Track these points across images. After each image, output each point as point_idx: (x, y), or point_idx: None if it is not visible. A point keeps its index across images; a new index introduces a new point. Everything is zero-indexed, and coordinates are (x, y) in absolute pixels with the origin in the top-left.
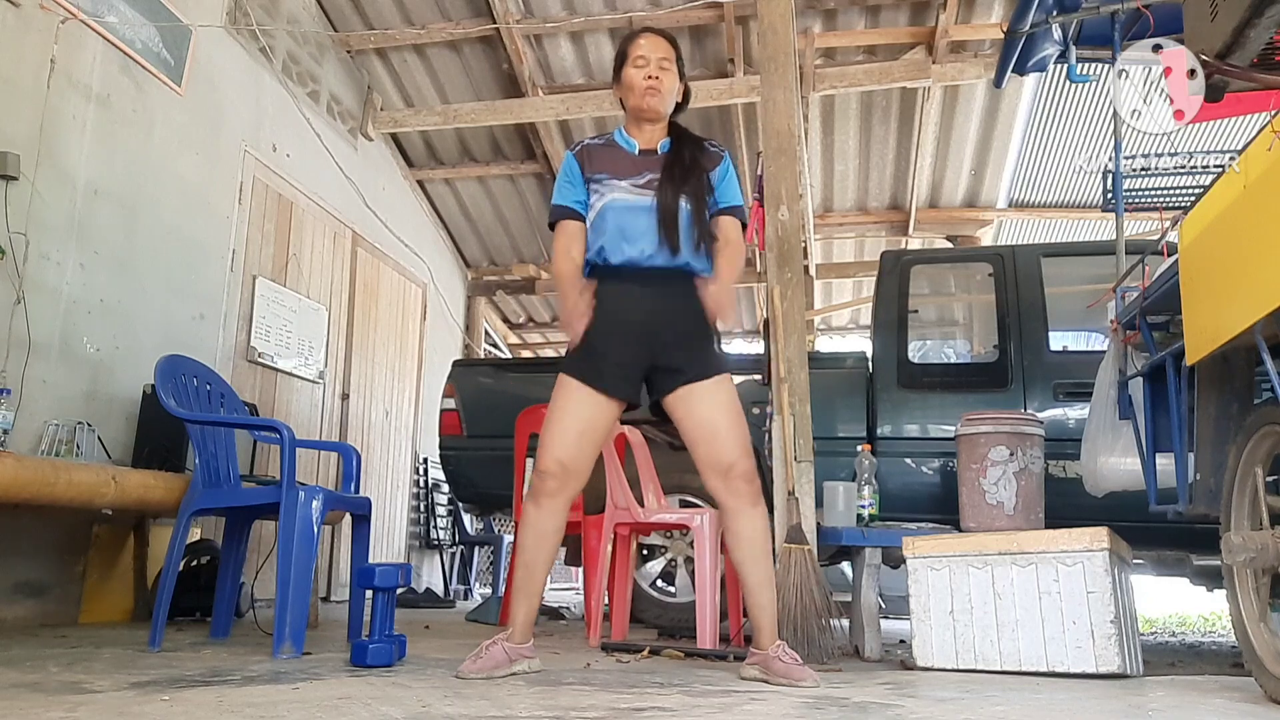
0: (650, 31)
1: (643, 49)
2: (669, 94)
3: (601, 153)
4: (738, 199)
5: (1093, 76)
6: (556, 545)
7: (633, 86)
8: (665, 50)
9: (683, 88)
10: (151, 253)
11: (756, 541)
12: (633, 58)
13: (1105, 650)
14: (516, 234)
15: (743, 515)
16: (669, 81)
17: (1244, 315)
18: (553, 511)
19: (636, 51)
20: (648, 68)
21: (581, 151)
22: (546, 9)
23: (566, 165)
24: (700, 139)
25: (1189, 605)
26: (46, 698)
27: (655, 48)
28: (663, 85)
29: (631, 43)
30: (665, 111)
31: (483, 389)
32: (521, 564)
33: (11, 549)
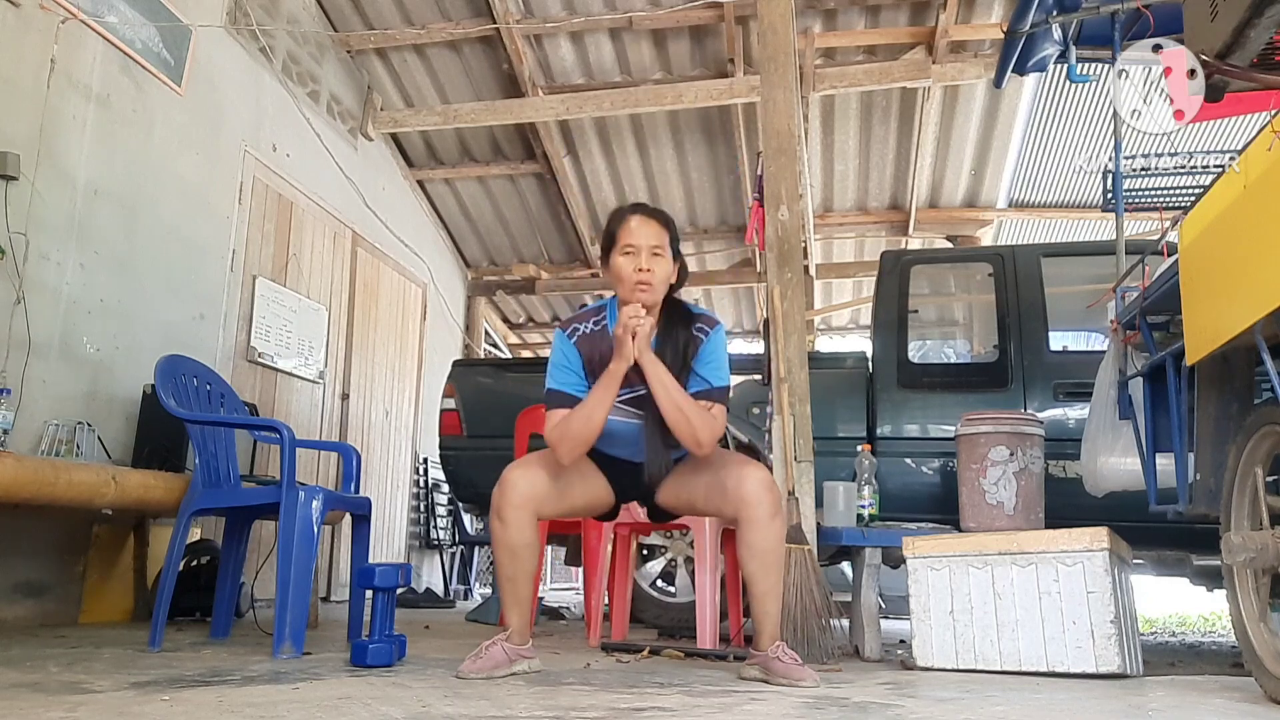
0: (641, 212)
1: (633, 235)
2: (661, 285)
3: (594, 345)
4: (719, 379)
5: (1093, 76)
6: (534, 557)
7: (623, 278)
8: (657, 236)
9: (678, 267)
10: (151, 253)
11: (770, 553)
12: (622, 244)
13: (1105, 650)
14: (516, 234)
15: (759, 527)
16: (661, 271)
17: (1244, 315)
18: (519, 525)
19: (626, 238)
20: (638, 257)
21: (580, 341)
22: (546, 9)
23: (565, 350)
24: (692, 319)
25: (1189, 605)
26: (46, 698)
27: (646, 234)
28: (654, 277)
29: (621, 226)
30: (657, 301)
31: (483, 389)
32: (503, 578)
33: (11, 549)
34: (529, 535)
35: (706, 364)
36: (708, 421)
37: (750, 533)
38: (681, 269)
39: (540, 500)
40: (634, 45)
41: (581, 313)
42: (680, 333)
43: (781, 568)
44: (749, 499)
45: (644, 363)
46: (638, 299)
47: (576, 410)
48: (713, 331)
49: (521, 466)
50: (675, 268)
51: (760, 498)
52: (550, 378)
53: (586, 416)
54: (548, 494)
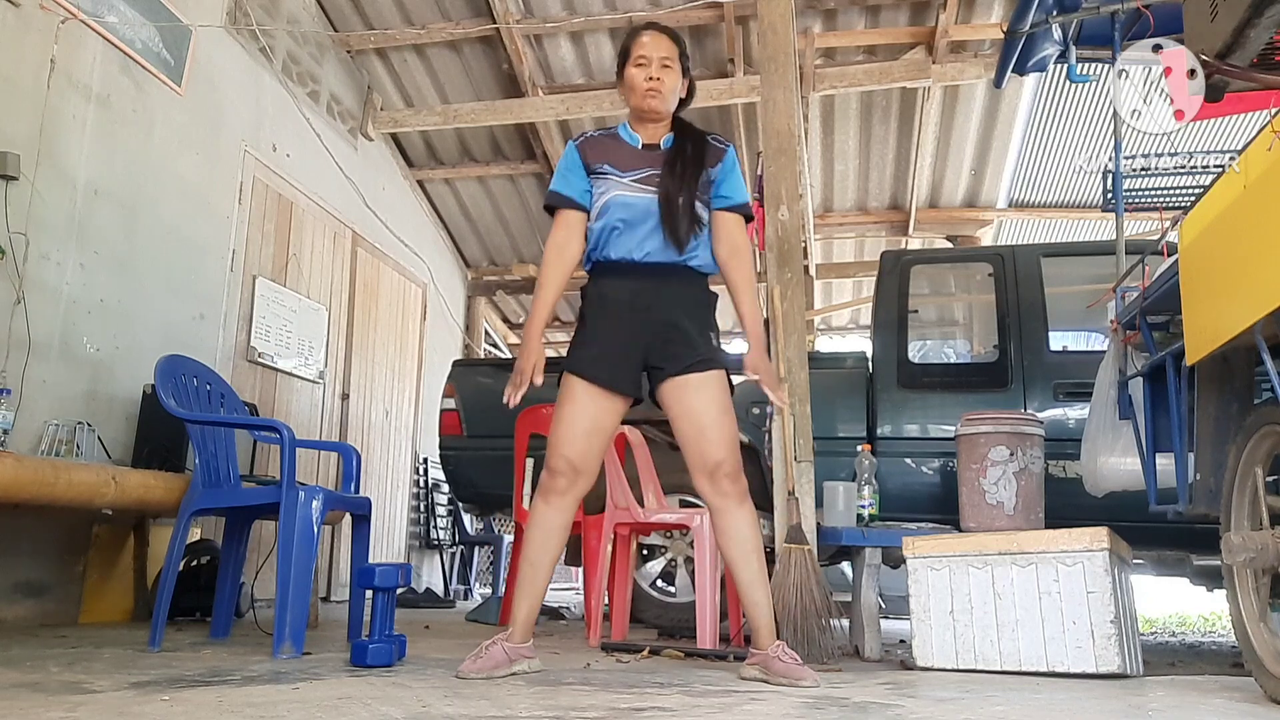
0: (654, 28)
1: (645, 47)
2: (671, 94)
3: (604, 144)
4: (742, 195)
5: (1093, 76)
6: (563, 543)
7: (634, 86)
8: (668, 48)
9: (687, 84)
10: (151, 253)
11: (746, 539)
12: (634, 56)
13: (1105, 650)
14: (516, 234)
15: (729, 513)
16: (671, 81)
17: (1244, 315)
18: (562, 509)
19: (638, 50)
20: (649, 67)
21: (584, 143)
22: (546, 9)
23: (568, 155)
24: (704, 134)
25: (1189, 605)
26: (46, 698)
27: (658, 46)
28: (664, 85)
29: (634, 40)
30: (667, 111)
31: (483, 389)
32: (526, 561)
33: (11, 549)
34: (569, 518)
35: (730, 181)
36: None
37: (722, 519)
38: (690, 85)
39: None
40: None
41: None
42: (691, 143)
43: (761, 553)
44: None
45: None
46: (648, 104)
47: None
48: (728, 147)
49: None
50: (684, 84)
51: (726, 489)
52: (554, 180)
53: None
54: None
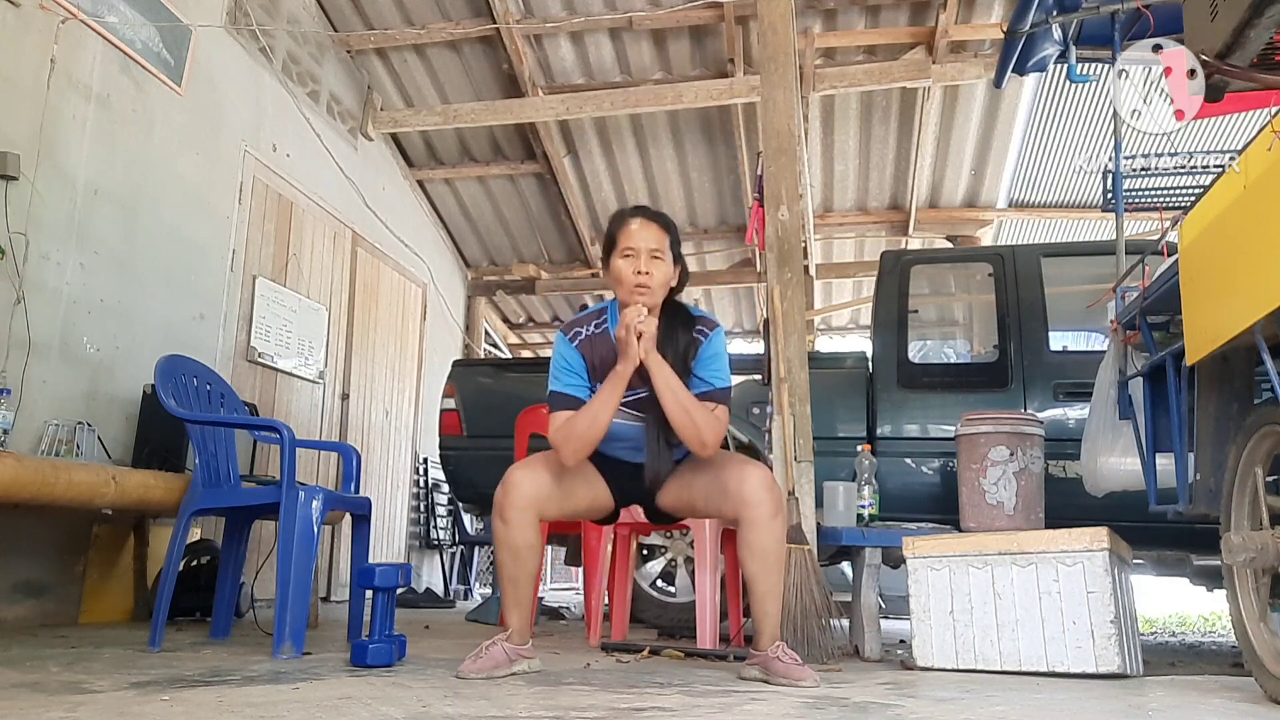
0: (642, 215)
1: (633, 238)
2: (660, 288)
3: (595, 348)
4: (720, 380)
5: (1093, 76)
6: (536, 558)
7: (622, 280)
8: (656, 239)
9: (678, 271)
10: (151, 253)
11: (770, 553)
12: (621, 247)
13: (1105, 650)
14: (516, 234)
15: (760, 527)
16: (661, 274)
17: (1244, 315)
18: (522, 526)
19: (625, 241)
20: (637, 260)
21: (582, 345)
22: (546, 9)
23: (567, 354)
24: (691, 323)
25: (1189, 605)
26: (46, 698)
27: (646, 237)
28: (653, 280)
29: (621, 228)
30: (657, 304)
31: (483, 389)
32: (505, 578)
33: (11, 549)
34: (531, 536)
35: (708, 366)
36: (711, 422)
37: (750, 533)
38: (682, 272)
39: (543, 501)
40: (634, 45)
41: (582, 316)
42: (680, 335)
43: (782, 568)
44: (749, 499)
45: (649, 363)
46: (636, 302)
47: (581, 412)
48: (713, 333)
49: (525, 467)
50: (676, 271)
51: (761, 498)
52: (553, 380)
53: (592, 418)
54: (550, 495)
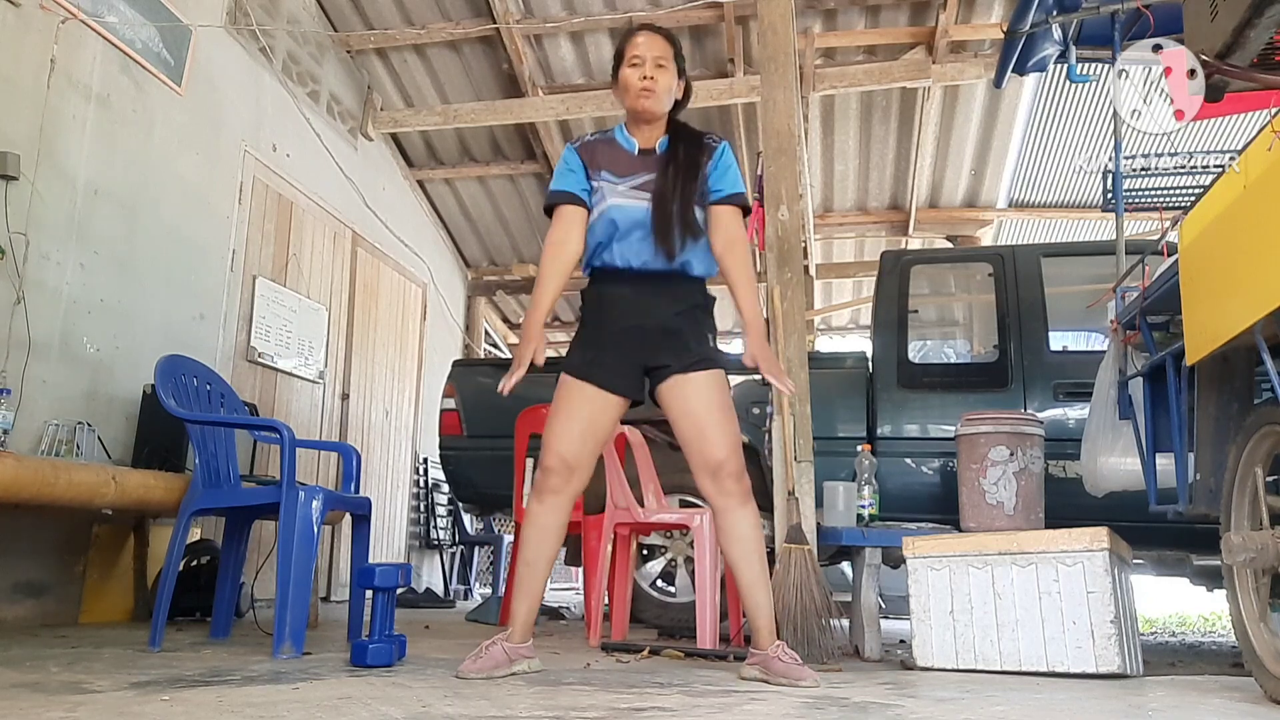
0: (647, 29)
1: (639, 48)
2: (665, 94)
3: (601, 150)
4: (736, 186)
5: (1093, 76)
6: (559, 543)
7: (628, 87)
8: (662, 48)
9: (683, 84)
10: (151, 253)
11: (748, 540)
12: (629, 57)
13: (1105, 650)
14: (516, 234)
15: (732, 514)
16: (665, 81)
17: (1244, 315)
18: (556, 508)
19: (632, 51)
20: (643, 67)
21: (583, 147)
22: (546, 9)
23: (568, 156)
24: (699, 134)
25: (1189, 605)
26: (46, 698)
27: (651, 46)
28: (658, 86)
29: (628, 41)
30: (661, 112)
31: (483, 389)
32: (523, 561)
33: (11, 549)
34: (564, 517)
35: (724, 175)
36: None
37: (724, 519)
38: (686, 86)
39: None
40: None
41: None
42: (685, 146)
43: (763, 555)
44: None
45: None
46: (642, 105)
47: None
48: (721, 144)
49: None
50: (680, 84)
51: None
52: (554, 180)
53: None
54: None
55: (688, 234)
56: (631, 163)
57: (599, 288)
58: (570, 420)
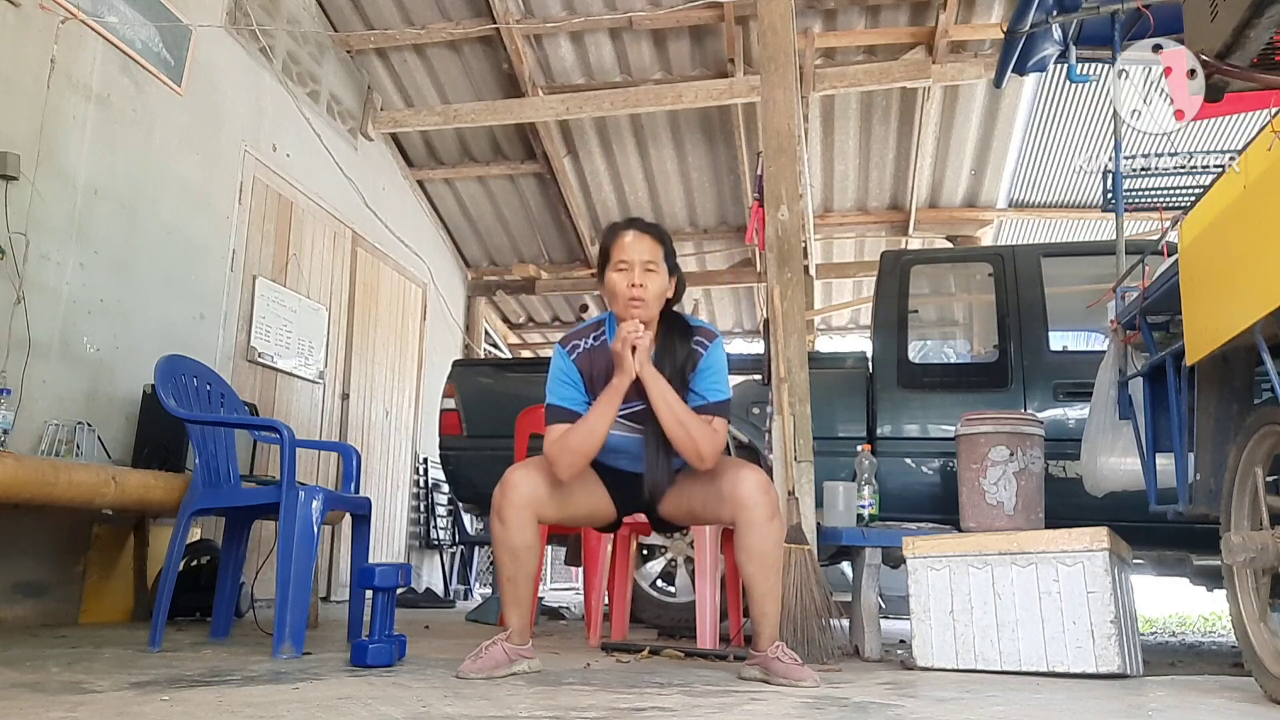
0: (635, 228)
1: (626, 250)
2: (655, 301)
3: (594, 360)
4: (718, 395)
5: (1093, 76)
6: (535, 559)
7: (616, 294)
8: (650, 251)
9: (674, 282)
10: (151, 253)
11: (768, 555)
12: (615, 261)
13: (1105, 650)
14: (516, 234)
15: (756, 529)
16: (655, 287)
17: (1244, 315)
18: (520, 526)
19: (619, 254)
20: (631, 273)
21: (579, 358)
22: (546, 9)
23: (564, 367)
24: (689, 334)
25: (1189, 605)
26: (46, 698)
27: (639, 249)
28: (648, 294)
29: (615, 242)
30: (652, 318)
31: (483, 389)
32: (504, 578)
33: (11, 549)
34: (530, 537)
35: (706, 379)
36: (709, 435)
37: (747, 535)
38: (679, 283)
39: (541, 504)
40: (634, 45)
41: (580, 328)
42: (678, 347)
43: (780, 569)
44: (745, 502)
45: (645, 377)
46: (631, 315)
47: (577, 425)
48: (712, 345)
49: (524, 468)
50: (671, 282)
51: (756, 500)
52: (550, 393)
53: (588, 431)
54: (549, 499)
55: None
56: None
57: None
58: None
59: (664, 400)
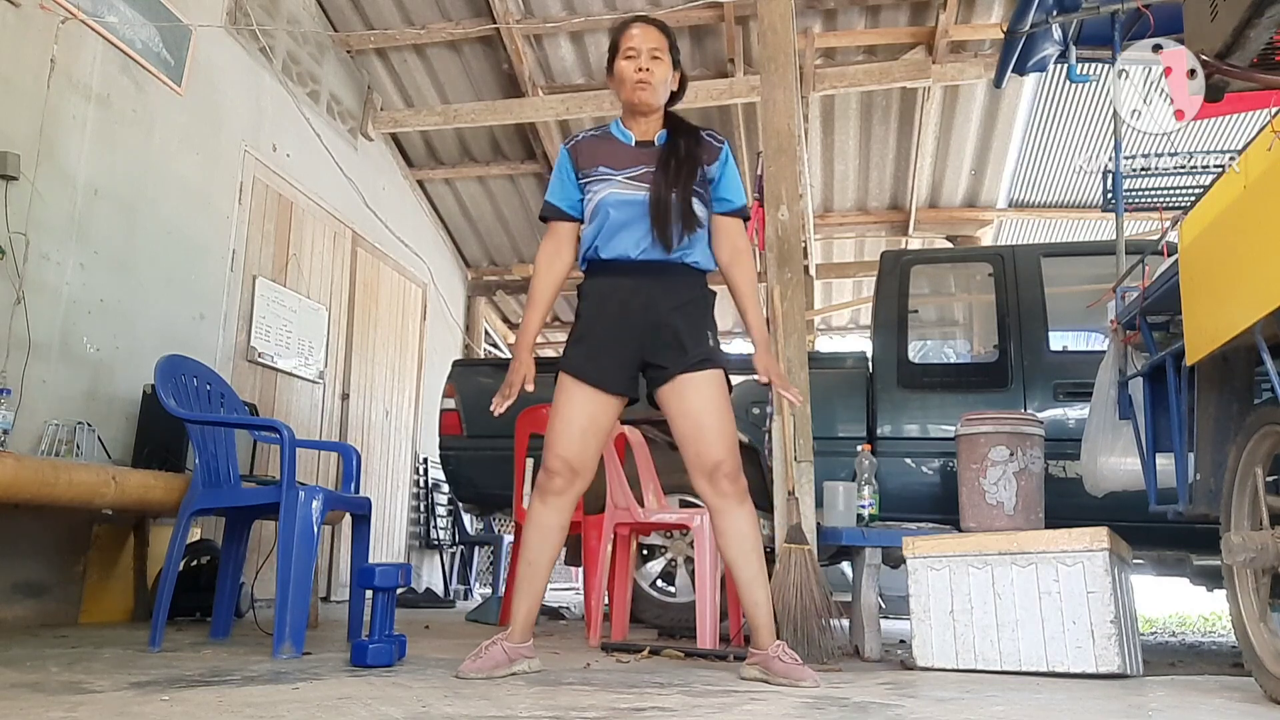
0: (642, 20)
1: (634, 39)
2: (661, 85)
3: (596, 145)
4: (741, 197)
5: (1093, 76)
6: (560, 543)
7: (624, 79)
8: (657, 40)
9: (678, 76)
10: (151, 253)
11: (745, 538)
12: (623, 49)
13: (1105, 650)
14: (516, 234)
15: (729, 514)
16: (661, 72)
17: (1244, 315)
18: (559, 509)
19: (627, 43)
20: (638, 59)
21: (575, 146)
22: (546, 9)
23: (561, 161)
24: (698, 129)
25: (1189, 605)
26: (46, 698)
27: (646, 38)
28: (654, 77)
29: (623, 33)
30: (658, 103)
31: (483, 389)
32: (525, 561)
33: (11, 549)
34: (566, 518)
35: (728, 184)
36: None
37: (720, 520)
38: (681, 79)
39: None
40: None
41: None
42: (684, 139)
43: (760, 553)
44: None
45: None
46: (638, 97)
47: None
48: (723, 144)
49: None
50: (675, 76)
51: (726, 489)
52: (549, 189)
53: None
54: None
55: (686, 226)
56: (629, 155)
57: (595, 280)
58: (571, 421)
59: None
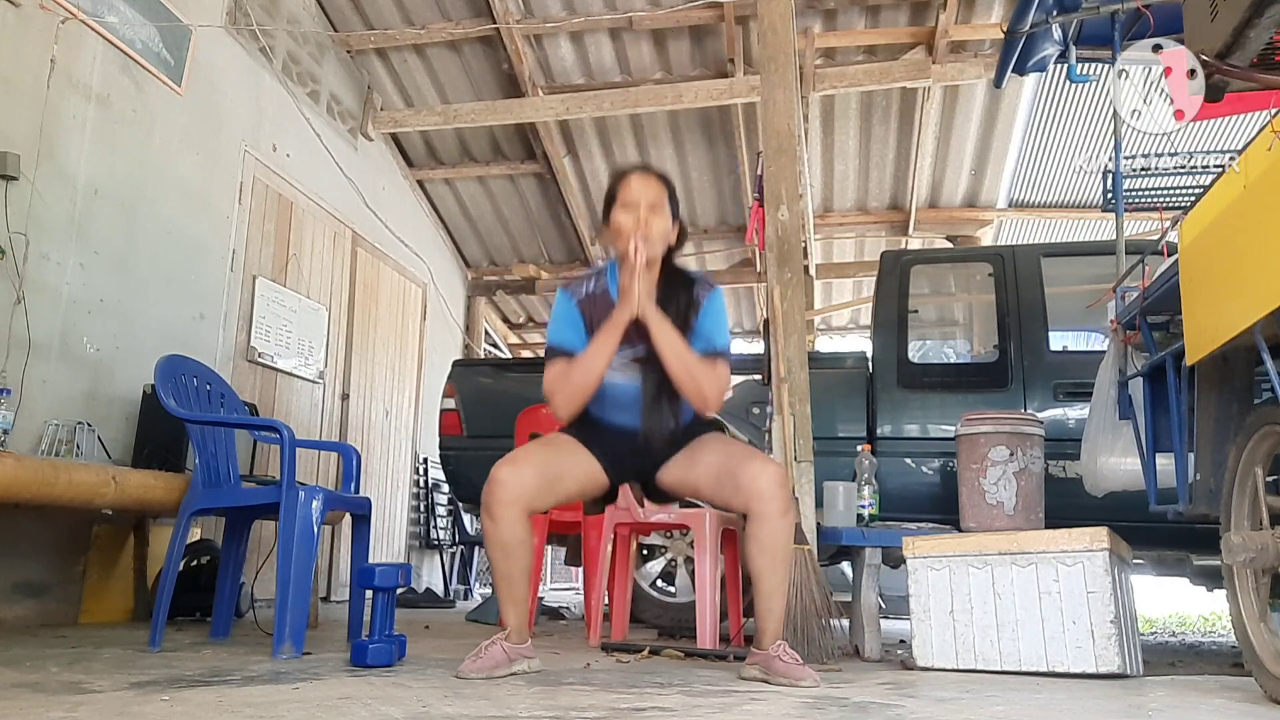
0: (641, 172)
1: (632, 191)
2: (659, 241)
3: (595, 303)
4: (718, 342)
5: (1093, 76)
6: (528, 554)
7: (620, 234)
8: (655, 193)
9: (677, 227)
10: (151, 253)
11: (779, 549)
12: (621, 201)
13: (1105, 650)
14: (516, 234)
15: (770, 522)
16: (659, 227)
17: (1244, 315)
18: (510, 522)
19: (625, 195)
20: (636, 213)
21: (582, 302)
22: (546, 9)
23: (566, 308)
24: (691, 283)
25: (1189, 605)
26: (46, 698)
27: (645, 190)
28: (652, 232)
29: (621, 183)
30: (656, 259)
31: (483, 389)
32: (499, 576)
33: (11, 549)
34: (521, 532)
35: (708, 324)
36: (712, 377)
37: (761, 528)
38: (681, 230)
39: (530, 496)
40: (634, 45)
41: (582, 275)
42: (680, 294)
43: (789, 565)
44: (763, 494)
45: (648, 316)
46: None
47: (577, 360)
48: (712, 293)
49: (509, 463)
50: (674, 228)
51: (774, 494)
52: (552, 333)
53: (587, 367)
54: (537, 489)
55: (676, 402)
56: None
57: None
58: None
59: (668, 339)
